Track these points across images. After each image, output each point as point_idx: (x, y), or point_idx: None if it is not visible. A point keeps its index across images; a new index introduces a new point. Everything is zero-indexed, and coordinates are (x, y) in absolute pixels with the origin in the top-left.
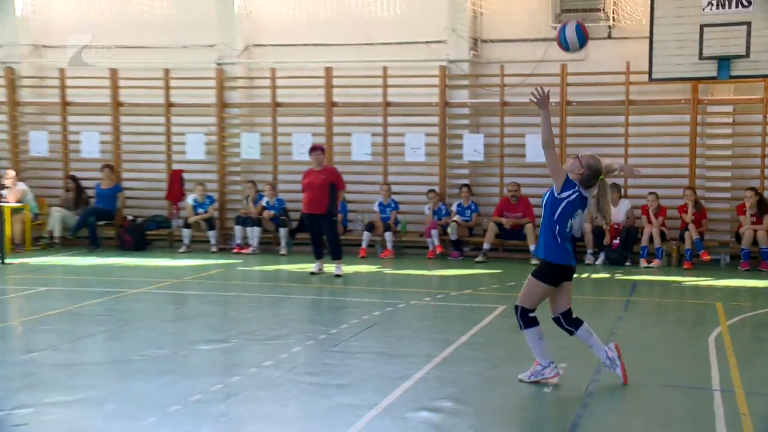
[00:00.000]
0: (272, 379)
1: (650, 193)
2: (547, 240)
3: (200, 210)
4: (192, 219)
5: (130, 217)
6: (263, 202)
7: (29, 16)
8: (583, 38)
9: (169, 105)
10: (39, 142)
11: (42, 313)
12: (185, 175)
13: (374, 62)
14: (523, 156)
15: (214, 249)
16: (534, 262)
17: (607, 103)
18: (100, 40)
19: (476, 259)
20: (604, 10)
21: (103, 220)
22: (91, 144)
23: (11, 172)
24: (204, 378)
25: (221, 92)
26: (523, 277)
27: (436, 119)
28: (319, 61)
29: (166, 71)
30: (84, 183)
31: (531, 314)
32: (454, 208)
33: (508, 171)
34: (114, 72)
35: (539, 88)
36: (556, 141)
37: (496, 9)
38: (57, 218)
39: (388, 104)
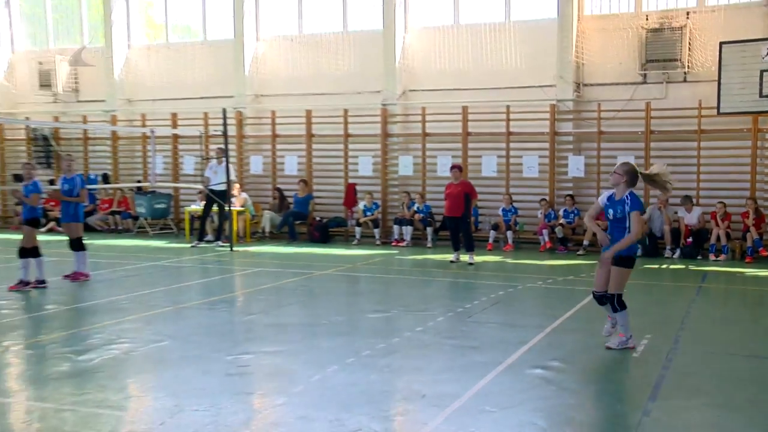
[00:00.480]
0: (422, 341)
1: (719, 202)
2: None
3: (368, 213)
4: (362, 220)
5: (318, 218)
6: (414, 208)
7: (253, 74)
8: None
9: (347, 135)
10: (256, 164)
11: (257, 287)
12: (358, 187)
13: (499, 102)
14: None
15: (378, 242)
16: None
17: (683, 132)
18: (301, 90)
19: (578, 253)
20: (680, 59)
21: (299, 220)
22: (291, 165)
23: (237, 185)
24: (371, 339)
25: (385, 126)
26: None
27: (546, 145)
28: (457, 102)
29: (346, 111)
30: (286, 193)
31: (622, 298)
32: (560, 213)
33: (603, 184)
34: (308, 112)
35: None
36: (641, 161)
37: (594, 60)
38: (267, 218)
39: (510, 134)
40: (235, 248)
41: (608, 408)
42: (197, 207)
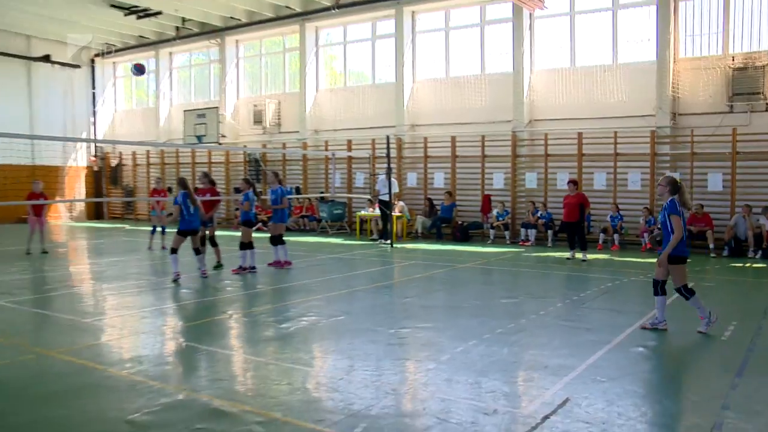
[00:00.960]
0: (544, 322)
1: None
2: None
3: (500, 218)
4: (495, 223)
5: (459, 222)
6: (538, 214)
7: (410, 108)
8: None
9: (484, 156)
10: (412, 179)
11: (411, 276)
12: (492, 197)
13: (608, 128)
14: (706, 186)
15: (507, 242)
16: (713, 255)
17: (764, 153)
18: (447, 120)
19: None
20: (763, 92)
21: (445, 223)
22: (439, 179)
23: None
24: (503, 319)
25: (514, 148)
26: (705, 265)
27: (647, 163)
28: (573, 129)
29: (483, 137)
30: (435, 202)
31: (689, 286)
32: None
33: (696, 196)
34: (453, 138)
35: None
36: (728, 177)
37: (688, 93)
38: (420, 222)
39: (617, 155)
40: (394, 245)
41: (699, 381)
42: (366, 212)
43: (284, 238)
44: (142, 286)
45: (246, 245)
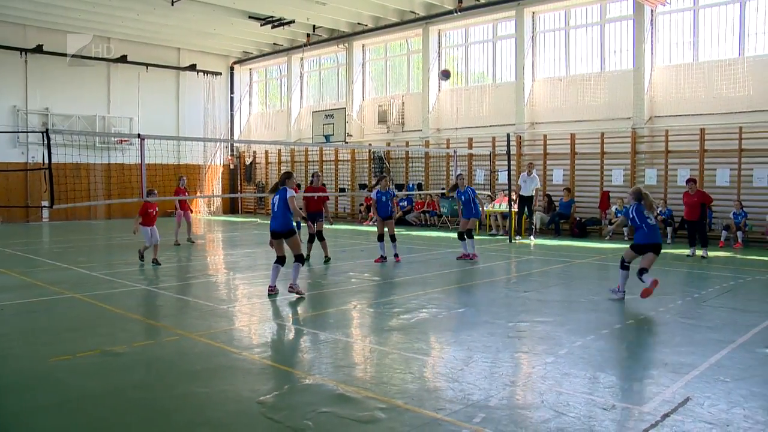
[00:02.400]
0: (663, 319)
1: None
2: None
3: (619, 215)
4: (614, 220)
5: (578, 218)
6: (658, 210)
7: (529, 106)
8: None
9: (603, 153)
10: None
11: (529, 270)
12: (610, 194)
13: (732, 124)
14: None
15: (625, 238)
16: None
17: None
18: (566, 117)
19: None
20: None
21: (563, 219)
22: (558, 176)
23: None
24: (620, 315)
25: (634, 145)
26: None
27: None
28: (695, 125)
29: (602, 134)
30: (553, 198)
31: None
32: None
33: None
34: (572, 135)
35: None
36: None
37: None
38: (538, 217)
39: (742, 150)
40: (513, 240)
41: None
42: (486, 209)
43: (417, 233)
44: (281, 277)
45: (380, 237)
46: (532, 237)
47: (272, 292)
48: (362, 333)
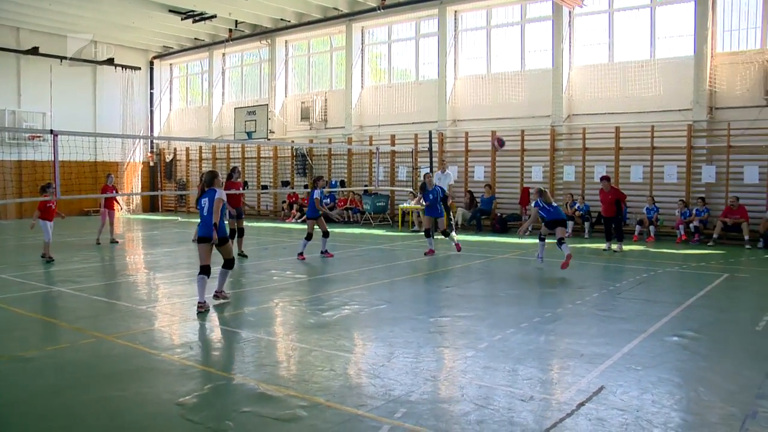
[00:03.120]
0: (580, 311)
1: None
2: None
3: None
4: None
5: (499, 214)
6: (576, 206)
7: (451, 104)
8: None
9: (524, 150)
10: (453, 172)
11: (451, 266)
12: (530, 190)
13: (645, 123)
14: (742, 179)
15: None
16: (748, 247)
17: None
18: (486, 115)
19: (708, 244)
20: None
21: (484, 215)
22: (479, 173)
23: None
24: (540, 308)
25: (553, 142)
26: (740, 256)
27: (684, 157)
28: (611, 123)
29: (522, 132)
30: (475, 194)
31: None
32: (694, 211)
33: (731, 189)
34: (493, 132)
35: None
36: (765, 170)
37: (725, 88)
38: (460, 214)
39: (653, 148)
40: (434, 237)
41: (735, 370)
42: (407, 205)
43: (329, 230)
44: (192, 276)
45: (308, 236)
46: (453, 233)
47: (202, 310)
48: (284, 331)
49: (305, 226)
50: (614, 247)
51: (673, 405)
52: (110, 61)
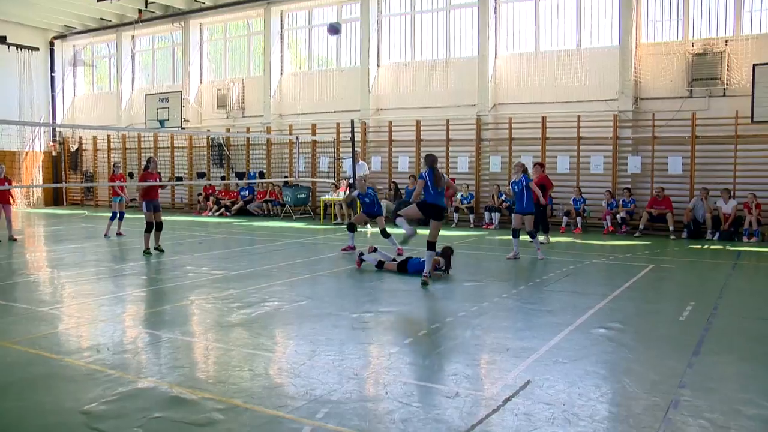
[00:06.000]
0: (506, 305)
1: (750, 194)
2: None
3: (465, 202)
4: (459, 207)
5: None
6: (502, 198)
7: (375, 93)
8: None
9: (449, 140)
10: (376, 163)
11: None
12: (456, 181)
13: (571, 112)
14: (666, 170)
15: (471, 225)
16: (672, 237)
17: (723, 137)
18: (412, 104)
19: (635, 235)
20: (720, 78)
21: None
22: (404, 163)
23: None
24: (466, 302)
25: (479, 132)
26: (665, 247)
27: (610, 147)
28: (537, 113)
29: (447, 120)
30: (400, 185)
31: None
32: (620, 202)
33: (656, 179)
34: (418, 122)
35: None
36: (687, 161)
37: (649, 78)
38: (384, 206)
39: (580, 138)
40: (357, 230)
41: (658, 361)
42: (330, 197)
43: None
44: (100, 273)
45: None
46: (368, 225)
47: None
48: (200, 330)
49: (223, 220)
50: (541, 238)
51: (599, 397)
52: (2, 40)
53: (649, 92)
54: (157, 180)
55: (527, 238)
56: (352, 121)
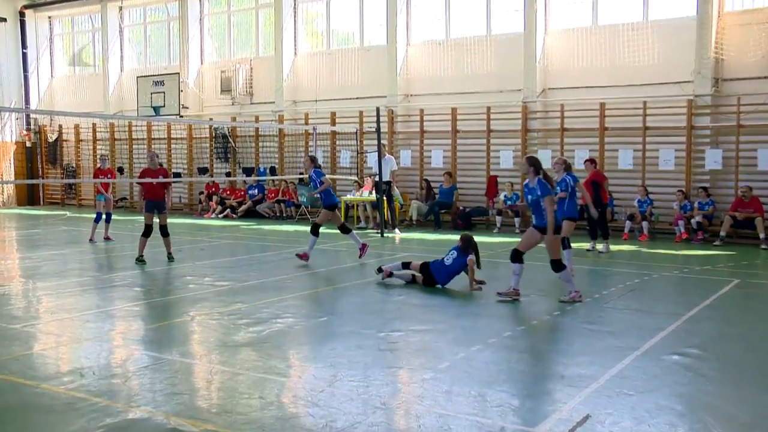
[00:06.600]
0: (560, 324)
1: None
2: None
3: (509, 203)
4: (503, 209)
5: (461, 207)
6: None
7: (404, 76)
8: None
9: (489, 131)
10: (405, 157)
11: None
12: (499, 179)
13: (636, 98)
14: (756, 165)
15: (517, 231)
16: (763, 247)
17: None
18: (446, 89)
19: (714, 243)
20: None
21: (444, 209)
22: (437, 158)
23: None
24: (512, 321)
25: (525, 122)
26: (755, 258)
27: (683, 138)
28: (595, 99)
29: (488, 108)
30: (432, 184)
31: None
32: (696, 204)
33: (741, 177)
34: (453, 110)
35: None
36: None
37: (734, 55)
38: (415, 207)
39: (646, 128)
40: (385, 235)
41: (749, 397)
42: (353, 197)
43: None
44: (85, 285)
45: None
46: (396, 230)
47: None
48: (202, 351)
49: (228, 222)
50: (599, 247)
51: None
52: None
53: (734, 72)
54: (163, 177)
55: (584, 245)
56: (378, 109)
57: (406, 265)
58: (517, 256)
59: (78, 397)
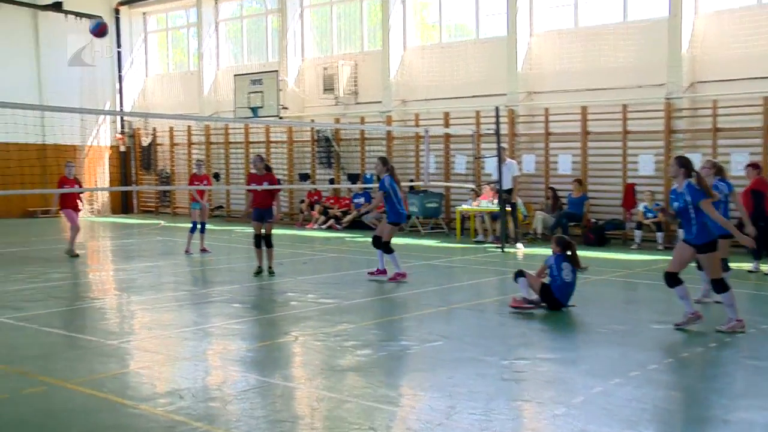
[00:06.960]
0: (718, 358)
1: None
2: None
3: (649, 215)
4: (643, 222)
5: (593, 220)
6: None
7: (526, 71)
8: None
9: (626, 132)
10: (529, 163)
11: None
12: (637, 187)
13: None
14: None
15: (660, 247)
16: None
17: None
18: (575, 85)
19: None
20: None
21: (573, 221)
22: (565, 164)
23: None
24: (656, 351)
25: (669, 121)
26: None
27: None
28: (756, 93)
29: (624, 106)
30: (559, 193)
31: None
32: None
33: None
34: (584, 108)
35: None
36: None
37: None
38: (539, 219)
39: None
40: (505, 250)
41: None
42: (469, 207)
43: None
44: (181, 299)
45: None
46: (518, 244)
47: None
48: (307, 375)
49: (332, 234)
50: (764, 267)
51: None
52: (57, 6)
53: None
54: (268, 183)
55: (746, 266)
56: (497, 109)
57: (520, 273)
58: (672, 280)
59: (176, 420)
